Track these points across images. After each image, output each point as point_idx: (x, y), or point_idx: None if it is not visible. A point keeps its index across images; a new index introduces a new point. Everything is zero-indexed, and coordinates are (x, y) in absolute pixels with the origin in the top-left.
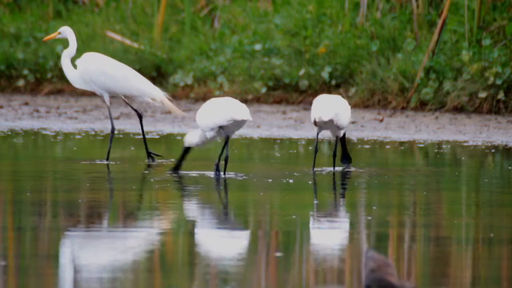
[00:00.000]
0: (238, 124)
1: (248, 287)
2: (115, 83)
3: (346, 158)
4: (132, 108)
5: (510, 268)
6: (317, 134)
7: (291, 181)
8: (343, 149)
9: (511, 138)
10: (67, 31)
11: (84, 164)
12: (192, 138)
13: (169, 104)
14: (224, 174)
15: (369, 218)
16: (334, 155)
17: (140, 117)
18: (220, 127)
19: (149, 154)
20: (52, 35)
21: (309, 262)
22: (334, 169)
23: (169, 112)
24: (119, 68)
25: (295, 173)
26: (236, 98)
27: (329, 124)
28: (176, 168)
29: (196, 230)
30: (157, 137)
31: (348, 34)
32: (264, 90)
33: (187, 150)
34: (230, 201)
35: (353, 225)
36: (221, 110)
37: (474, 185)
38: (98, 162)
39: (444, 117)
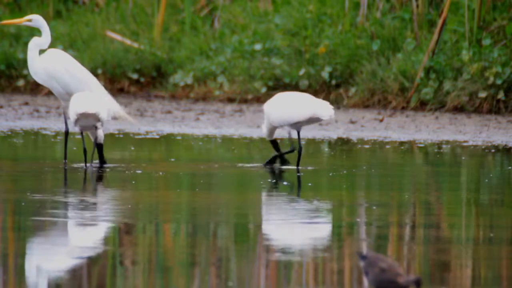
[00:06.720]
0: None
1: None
2: (76, 84)
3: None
4: (65, 120)
5: (510, 268)
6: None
7: (285, 183)
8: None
9: (511, 138)
10: (40, 20)
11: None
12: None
13: (123, 114)
14: (85, 166)
15: (368, 218)
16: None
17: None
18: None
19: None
20: (17, 20)
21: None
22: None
23: (169, 112)
24: (82, 70)
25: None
26: (236, 98)
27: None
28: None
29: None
30: (157, 137)
31: (348, 34)
32: (264, 90)
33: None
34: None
35: (352, 225)
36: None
37: (474, 185)
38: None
39: (444, 117)
